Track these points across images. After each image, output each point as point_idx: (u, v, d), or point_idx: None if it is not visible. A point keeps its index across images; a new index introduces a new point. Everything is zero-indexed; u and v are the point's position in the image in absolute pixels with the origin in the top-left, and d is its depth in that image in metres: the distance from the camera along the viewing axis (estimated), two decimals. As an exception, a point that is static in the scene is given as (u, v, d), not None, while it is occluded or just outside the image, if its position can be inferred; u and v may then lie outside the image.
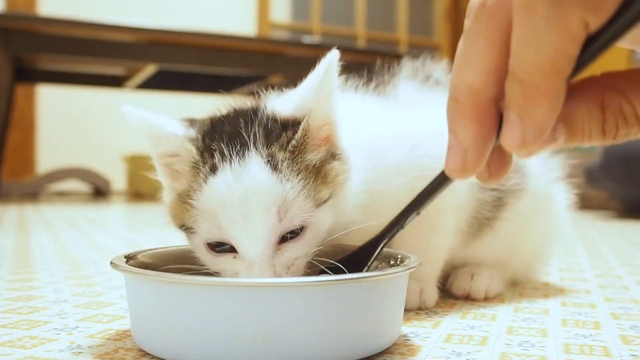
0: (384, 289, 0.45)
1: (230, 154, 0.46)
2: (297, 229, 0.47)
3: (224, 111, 0.53)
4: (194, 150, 0.48)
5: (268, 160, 0.46)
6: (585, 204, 2.20)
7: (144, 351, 0.45)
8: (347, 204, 0.53)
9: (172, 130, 0.50)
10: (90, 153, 3.44)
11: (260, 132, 0.47)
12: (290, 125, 0.48)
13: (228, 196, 0.45)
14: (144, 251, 0.54)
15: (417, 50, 0.71)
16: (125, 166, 3.33)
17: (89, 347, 0.47)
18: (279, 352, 0.40)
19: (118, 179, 3.38)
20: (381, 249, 0.50)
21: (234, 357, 0.40)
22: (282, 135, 0.48)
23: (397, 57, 0.70)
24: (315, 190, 0.48)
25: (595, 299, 0.68)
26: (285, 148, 0.47)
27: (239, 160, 0.46)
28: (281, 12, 4.17)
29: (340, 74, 0.50)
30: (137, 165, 3.18)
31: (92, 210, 2.12)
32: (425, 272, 0.61)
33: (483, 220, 0.64)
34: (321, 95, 0.48)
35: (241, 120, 0.49)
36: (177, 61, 2.40)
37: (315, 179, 0.48)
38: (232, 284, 0.41)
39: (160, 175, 0.53)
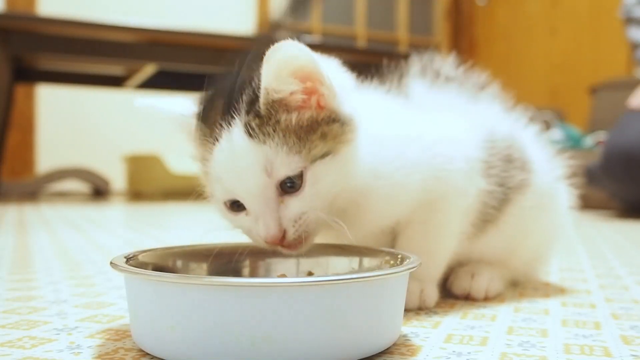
0: (384, 289, 0.44)
1: (225, 124, 0.52)
2: (295, 180, 0.51)
3: (220, 84, 0.56)
4: (197, 124, 0.54)
5: (245, 126, 0.51)
6: (586, 203, 2.20)
7: (143, 351, 0.45)
8: (356, 168, 0.55)
9: (177, 110, 0.57)
10: (90, 153, 3.44)
11: (246, 100, 0.52)
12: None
13: (224, 162, 0.52)
14: (144, 251, 0.54)
15: (417, 50, 0.70)
16: (125, 166, 3.33)
17: (88, 347, 0.47)
18: (278, 352, 0.40)
19: (118, 179, 3.38)
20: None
21: (234, 357, 0.40)
22: (255, 106, 0.52)
23: (398, 57, 0.70)
24: (307, 146, 0.51)
25: (596, 299, 0.68)
26: (258, 113, 0.51)
27: (229, 130, 0.51)
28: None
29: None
30: (137, 165, 3.18)
31: (92, 210, 2.12)
32: (427, 272, 0.61)
33: (487, 217, 0.64)
34: (266, 76, 0.50)
35: (237, 90, 0.53)
36: (177, 61, 2.40)
37: (303, 135, 0.51)
38: (232, 284, 0.41)
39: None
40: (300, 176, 0.51)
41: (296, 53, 0.50)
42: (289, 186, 0.51)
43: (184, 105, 0.57)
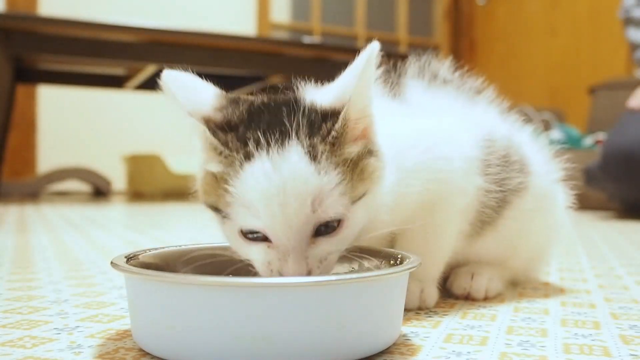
0: (384, 289, 0.45)
1: (268, 142, 0.45)
2: (333, 224, 0.47)
3: (264, 99, 0.51)
4: (208, 132, 0.47)
5: (309, 151, 0.45)
6: (585, 204, 2.20)
7: (144, 351, 0.46)
8: (377, 203, 0.53)
9: (190, 107, 0.48)
10: (90, 153, 3.44)
11: (303, 122, 0.47)
12: (330, 116, 0.48)
13: (266, 185, 0.45)
14: (145, 251, 0.54)
15: (417, 50, 0.70)
16: (125, 166, 3.33)
17: (89, 347, 0.47)
18: (279, 352, 0.40)
19: (118, 179, 3.38)
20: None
21: (234, 357, 0.40)
22: (322, 127, 0.47)
23: (398, 57, 0.70)
24: (352, 185, 0.47)
25: (595, 299, 0.68)
26: (326, 139, 0.46)
27: (277, 149, 0.45)
28: (281, 12, 4.17)
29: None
30: (138, 165, 3.19)
31: (92, 210, 2.12)
32: (427, 272, 0.61)
33: (486, 219, 0.64)
34: (361, 86, 0.47)
35: (284, 109, 0.48)
36: (177, 61, 2.39)
37: (352, 173, 0.47)
38: (232, 284, 0.41)
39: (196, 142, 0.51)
40: (339, 222, 0.48)
41: (375, 67, 0.47)
42: (324, 228, 0.47)
43: (209, 98, 0.50)
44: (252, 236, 0.48)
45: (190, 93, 0.50)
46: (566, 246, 1.16)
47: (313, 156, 0.45)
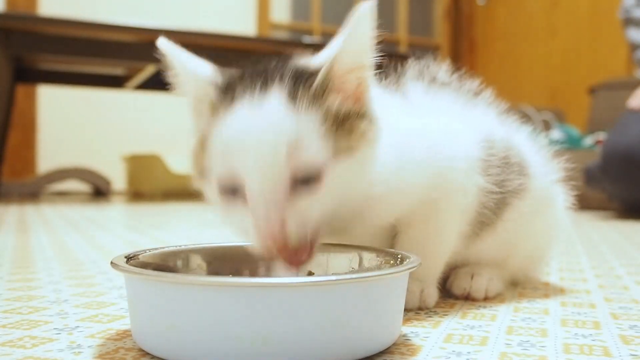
0: (384, 289, 0.45)
1: (251, 89, 0.46)
2: (312, 176, 0.45)
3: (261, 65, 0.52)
4: (213, 92, 0.48)
5: (289, 96, 0.45)
6: (585, 204, 2.20)
7: (144, 351, 0.46)
8: (371, 177, 0.52)
9: (197, 71, 0.50)
10: (90, 153, 3.44)
11: (289, 74, 0.47)
12: (316, 72, 0.48)
13: (241, 126, 0.44)
14: (145, 251, 0.54)
15: (417, 50, 0.70)
16: (125, 166, 3.33)
17: (89, 347, 0.47)
18: (278, 352, 0.40)
19: (118, 179, 3.38)
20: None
21: (234, 357, 0.40)
22: (307, 80, 0.47)
23: (398, 57, 0.70)
24: (336, 138, 0.46)
25: (595, 299, 0.68)
26: (308, 88, 0.46)
27: (258, 95, 0.45)
28: (281, 12, 4.17)
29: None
30: (137, 165, 3.19)
31: (92, 210, 2.12)
32: (427, 272, 0.61)
33: (485, 220, 0.64)
34: (349, 43, 0.47)
35: (272, 63, 0.49)
36: (178, 61, 2.39)
37: (336, 126, 0.46)
38: (232, 284, 0.41)
39: (191, 117, 0.52)
40: (318, 175, 0.45)
41: (371, 23, 0.46)
42: (303, 184, 0.45)
43: (207, 68, 0.51)
44: (230, 193, 0.46)
45: (191, 58, 0.51)
46: (566, 246, 1.16)
47: (293, 101, 0.45)
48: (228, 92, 0.48)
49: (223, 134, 0.45)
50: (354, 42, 0.47)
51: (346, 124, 0.47)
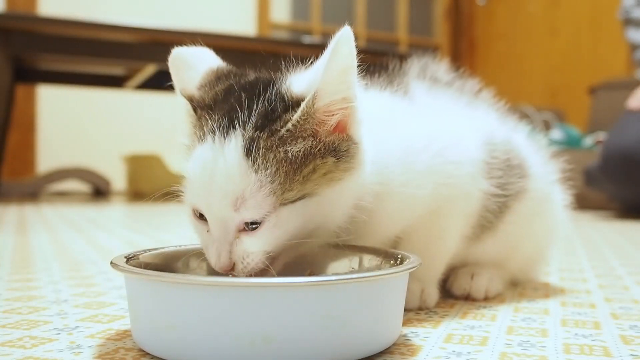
0: (384, 289, 0.45)
1: (218, 128, 0.47)
2: (255, 222, 0.47)
3: (247, 78, 0.52)
4: (193, 113, 0.51)
5: (247, 145, 0.46)
6: (585, 204, 2.20)
7: (144, 351, 0.46)
8: (345, 205, 0.51)
9: (181, 85, 0.53)
10: (90, 153, 3.44)
11: (261, 110, 0.47)
12: (296, 105, 0.47)
13: (200, 172, 0.47)
14: (144, 251, 0.54)
15: (417, 50, 0.70)
16: (125, 166, 3.33)
17: (89, 347, 0.47)
18: (278, 352, 0.40)
19: (118, 179, 3.38)
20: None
21: (234, 357, 0.40)
22: (280, 117, 0.47)
23: (398, 57, 0.70)
24: (288, 186, 0.46)
25: (595, 299, 0.68)
26: (276, 133, 0.46)
27: (221, 138, 0.46)
28: (281, 12, 4.17)
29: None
30: (137, 165, 3.18)
31: (92, 210, 2.12)
32: (427, 273, 0.61)
33: (486, 224, 0.64)
34: (329, 75, 0.46)
35: (248, 94, 0.48)
36: (178, 61, 2.39)
37: (294, 173, 0.46)
38: (232, 284, 0.41)
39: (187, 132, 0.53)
40: (261, 222, 0.47)
41: (351, 52, 0.45)
42: (248, 225, 0.47)
43: (198, 77, 0.53)
44: (201, 216, 0.49)
45: (185, 72, 0.54)
46: (566, 246, 1.16)
47: (249, 152, 0.45)
48: (202, 121, 0.49)
49: (190, 169, 0.48)
50: (334, 75, 0.46)
51: (310, 164, 0.47)
